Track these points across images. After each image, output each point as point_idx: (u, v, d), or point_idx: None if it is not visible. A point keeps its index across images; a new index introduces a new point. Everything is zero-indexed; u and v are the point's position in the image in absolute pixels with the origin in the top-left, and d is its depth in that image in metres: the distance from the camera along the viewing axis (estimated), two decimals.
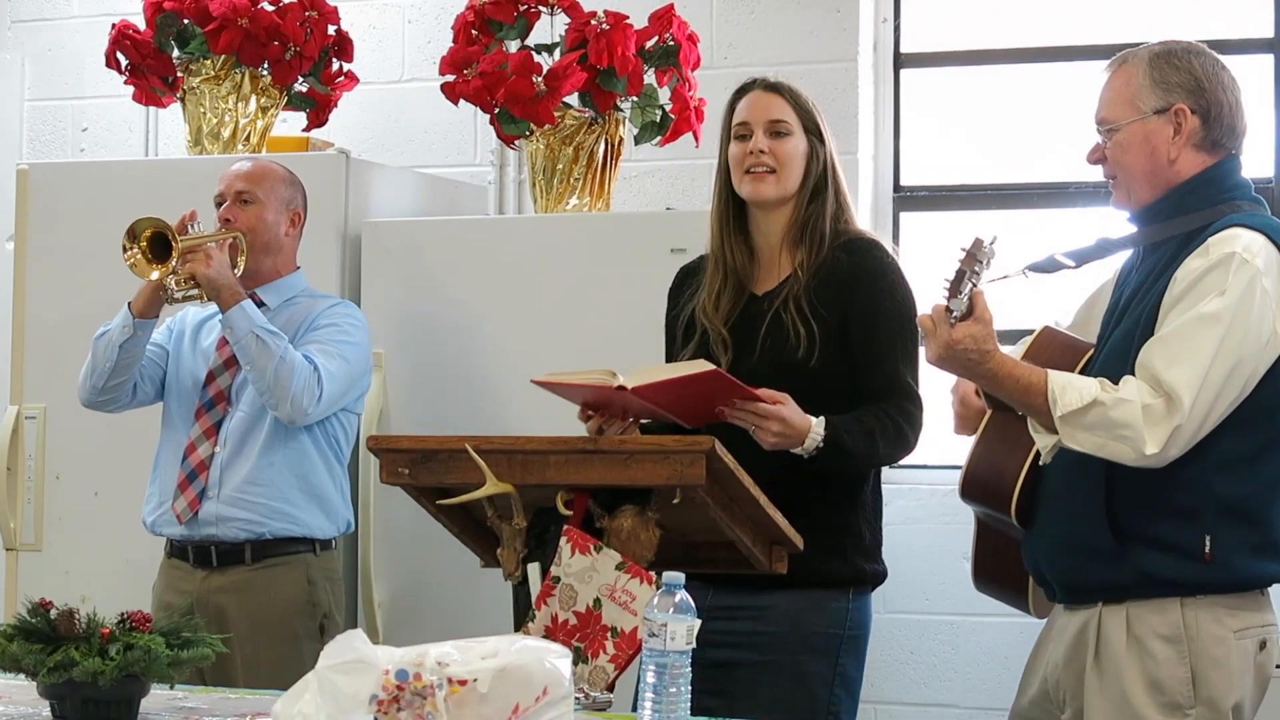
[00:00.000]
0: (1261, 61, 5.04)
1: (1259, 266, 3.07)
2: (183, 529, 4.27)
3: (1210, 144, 3.23)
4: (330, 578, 4.35)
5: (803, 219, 3.67)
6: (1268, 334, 3.08)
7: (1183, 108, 3.20)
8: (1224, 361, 3.03)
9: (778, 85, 3.73)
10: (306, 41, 4.93)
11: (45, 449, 4.92)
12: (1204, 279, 3.07)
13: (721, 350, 3.63)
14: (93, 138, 5.95)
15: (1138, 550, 3.14)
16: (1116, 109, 3.24)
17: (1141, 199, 3.24)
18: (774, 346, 3.60)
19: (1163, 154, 3.20)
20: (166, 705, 3.02)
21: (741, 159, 3.68)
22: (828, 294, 3.59)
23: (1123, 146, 3.22)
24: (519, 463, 3.26)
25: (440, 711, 2.44)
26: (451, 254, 4.71)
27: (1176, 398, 3.01)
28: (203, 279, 4.15)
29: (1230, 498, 3.11)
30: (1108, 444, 3.05)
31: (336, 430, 4.33)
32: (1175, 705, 3.13)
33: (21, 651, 2.86)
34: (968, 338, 3.06)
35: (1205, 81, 3.22)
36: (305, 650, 4.16)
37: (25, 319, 4.98)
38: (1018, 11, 5.27)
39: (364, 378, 4.36)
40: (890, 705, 5.11)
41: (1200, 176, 3.21)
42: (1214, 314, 3.04)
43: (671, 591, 2.63)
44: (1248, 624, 3.16)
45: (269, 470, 4.24)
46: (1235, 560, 3.12)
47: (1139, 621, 3.16)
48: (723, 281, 3.69)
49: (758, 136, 3.67)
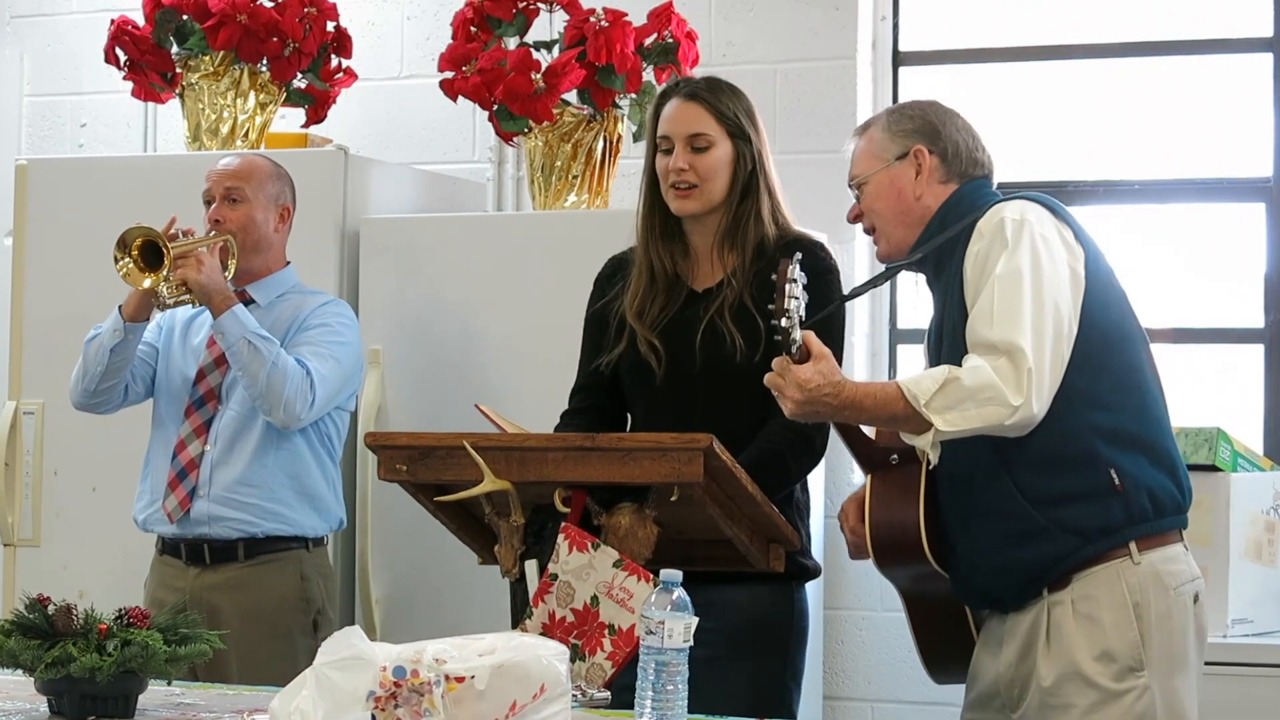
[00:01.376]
0: (1260, 60, 5.03)
1: (1030, 219, 3.22)
2: (174, 528, 4.27)
3: (956, 176, 3.40)
4: (323, 574, 4.35)
5: (732, 222, 3.65)
6: (1066, 274, 3.21)
7: (920, 148, 3.39)
8: (1040, 306, 3.15)
9: (696, 93, 3.67)
10: (305, 38, 4.93)
11: (43, 444, 4.92)
12: (988, 252, 3.21)
13: (653, 359, 3.60)
14: (91, 133, 5.94)
15: (1061, 512, 3.22)
16: (862, 164, 3.43)
17: (901, 241, 3.40)
18: (714, 351, 3.58)
19: (909, 193, 3.38)
20: (164, 701, 3.02)
21: (664, 174, 3.65)
22: (765, 297, 3.49)
23: (873, 195, 3.41)
24: (517, 460, 3.26)
25: (438, 708, 2.44)
26: (450, 251, 4.71)
27: (1015, 347, 3.12)
28: (194, 285, 4.14)
29: (1112, 429, 3.22)
30: (979, 412, 3.12)
31: (329, 428, 4.32)
32: (1128, 669, 3.21)
33: (19, 647, 2.86)
34: (816, 374, 3.13)
35: (939, 124, 3.41)
36: (299, 646, 4.16)
37: (24, 315, 4.98)
38: (1017, 10, 5.27)
39: (356, 376, 4.35)
40: (888, 704, 5.11)
41: (949, 201, 3.37)
42: (1011, 270, 3.17)
43: (669, 589, 2.63)
44: (1181, 580, 3.26)
45: (262, 471, 4.24)
46: (1142, 479, 3.23)
47: (1083, 599, 3.24)
48: (648, 286, 3.65)
49: (678, 153, 3.63)
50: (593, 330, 3.78)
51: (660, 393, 3.61)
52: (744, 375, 3.51)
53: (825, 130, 5.21)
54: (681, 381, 3.52)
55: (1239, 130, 5.03)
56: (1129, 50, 5.09)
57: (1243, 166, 5.02)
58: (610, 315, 3.71)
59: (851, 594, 5.09)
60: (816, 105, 5.23)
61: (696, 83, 3.71)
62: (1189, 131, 5.05)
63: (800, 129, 5.22)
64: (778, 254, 3.54)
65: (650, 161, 3.71)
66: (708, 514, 3.25)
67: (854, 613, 5.11)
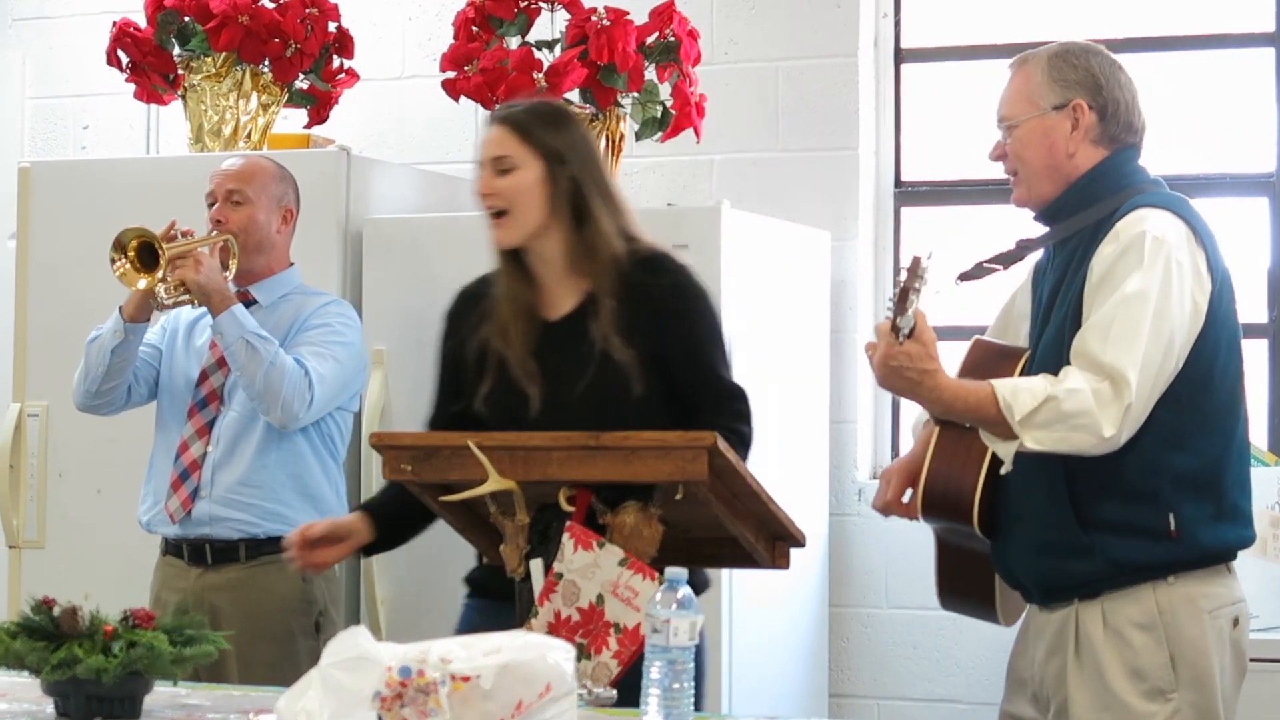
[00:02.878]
0: (1263, 55, 5.04)
1: (1170, 241, 3.15)
2: (176, 528, 4.27)
3: (1108, 139, 3.30)
4: (325, 575, 4.33)
5: (581, 248, 3.49)
6: (1189, 306, 3.16)
7: (1080, 103, 3.28)
8: (1157, 337, 3.10)
9: (506, 117, 3.52)
10: (307, 38, 4.93)
11: (48, 446, 4.92)
12: (1120, 262, 3.14)
13: (529, 382, 3.47)
14: (94, 135, 5.95)
15: (1107, 540, 3.19)
16: (1016, 106, 3.32)
17: (1043, 194, 3.32)
18: (596, 375, 3.45)
19: (1061, 148, 3.28)
20: (170, 702, 3.02)
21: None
22: (638, 318, 3.45)
23: (1022, 142, 3.31)
24: (521, 459, 3.26)
25: (443, 708, 2.44)
26: (453, 250, 4.70)
27: (1121, 377, 3.07)
28: (192, 285, 4.14)
29: (1184, 472, 3.18)
30: (1068, 436, 3.09)
31: (331, 429, 4.32)
32: (1158, 690, 3.18)
33: (25, 649, 2.86)
34: (904, 356, 3.08)
35: (1102, 79, 3.29)
36: (301, 647, 4.16)
37: (28, 317, 4.99)
38: (1018, 6, 5.28)
39: (358, 376, 4.35)
40: (893, 701, 5.11)
41: (1099, 168, 3.28)
42: (1138, 293, 3.10)
43: (674, 587, 2.63)
44: (1219, 603, 3.22)
45: (264, 472, 4.24)
46: (1200, 532, 3.18)
47: (1114, 613, 3.21)
48: (512, 312, 3.52)
49: (484, 177, 3.50)
50: (451, 372, 3.62)
51: (536, 424, 3.43)
52: (629, 399, 3.43)
53: (827, 128, 5.22)
54: (557, 410, 3.45)
55: (1241, 125, 5.03)
56: (1131, 46, 5.08)
57: (1245, 162, 5.02)
58: (466, 352, 3.57)
59: (857, 591, 5.10)
60: (818, 103, 5.23)
61: (511, 107, 3.58)
62: (1191, 127, 5.05)
63: (802, 127, 5.23)
64: (633, 270, 3.47)
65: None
66: (713, 512, 3.25)
67: (859, 610, 5.12)
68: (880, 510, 3.46)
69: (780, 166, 5.13)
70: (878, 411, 5.24)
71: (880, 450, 5.26)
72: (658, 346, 3.45)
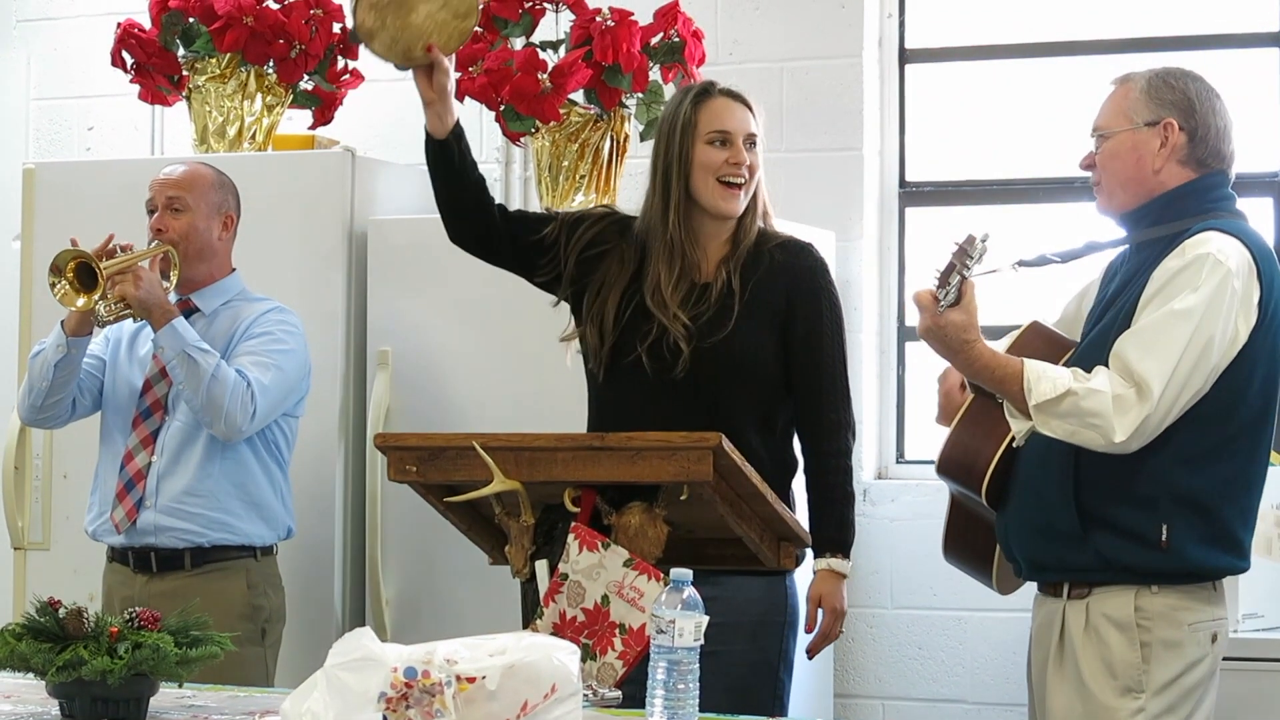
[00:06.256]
0: (1268, 55, 5.03)
1: (1230, 268, 3.22)
2: (122, 538, 4.27)
3: (1195, 161, 3.36)
4: (272, 583, 4.34)
5: (743, 220, 3.71)
6: (1232, 332, 3.23)
7: (1171, 122, 3.35)
8: (1192, 356, 3.18)
9: (742, 97, 3.75)
10: (312, 39, 4.93)
11: (53, 448, 4.92)
12: (1178, 277, 3.22)
13: (685, 339, 3.60)
14: (98, 137, 5.95)
15: (1099, 535, 3.29)
16: (1111, 119, 3.41)
17: (1123, 204, 3.39)
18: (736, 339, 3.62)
19: (1148, 163, 3.35)
20: (175, 704, 3.03)
21: (717, 166, 3.67)
22: (772, 292, 3.66)
23: (1111, 153, 3.39)
24: (526, 460, 3.27)
25: (449, 709, 2.44)
26: (457, 251, 4.69)
27: (1147, 388, 3.16)
28: (133, 301, 4.13)
29: (1188, 491, 3.25)
30: (1079, 431, 3.19)
31: (276, 436, 4.31)
32: (1128, 689, 3.26)
33: (30, 650, 2.86)
34: (950, 325, 3.20)
35: (1196, 103, 3.37)
36: (248, 655, 4.13)
37: (32, 318, 4.98)
38: (1022, 7, 5.27)
39: (301, 383, 4.33)
40: (898, 701, 5.11)
41: (1185, 187, 3.35)
42: (1186, 310, 3.18)
43: (679, 588, 2.63)
44: (1199, 618, 3.30)
45: (207, 481, 4.23)
46: (1189, 550, 3.25)
47: (1096, 611, 3.30)
48: (678, 273, 3.67)
49: (739, 148, 3.69)
50: (552, 227, 3.83)
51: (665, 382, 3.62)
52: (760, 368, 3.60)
53: (831, 128, 5.22)
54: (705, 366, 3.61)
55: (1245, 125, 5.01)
56: (1135, 46, 5.09)
57: (1249, 161, 4.99)
58: (584, 234, 3.79)
59: (862, 591, 5.09)
60: (823, 103, 5.23)
61: (732, 89, 3.76)
62: None
63: (807, 127, 5.22)
64: (774, 254, 3.68)
65: (685, 151, 3.70)
66: (717, 513, 3.25)
67: (865, 610, 5.11)
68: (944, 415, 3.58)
69: (785, 167, 5.12)
70: (882, 412, 5.24)
71: (885, 451, 5.26)
72: (783, 319, 3.66)
